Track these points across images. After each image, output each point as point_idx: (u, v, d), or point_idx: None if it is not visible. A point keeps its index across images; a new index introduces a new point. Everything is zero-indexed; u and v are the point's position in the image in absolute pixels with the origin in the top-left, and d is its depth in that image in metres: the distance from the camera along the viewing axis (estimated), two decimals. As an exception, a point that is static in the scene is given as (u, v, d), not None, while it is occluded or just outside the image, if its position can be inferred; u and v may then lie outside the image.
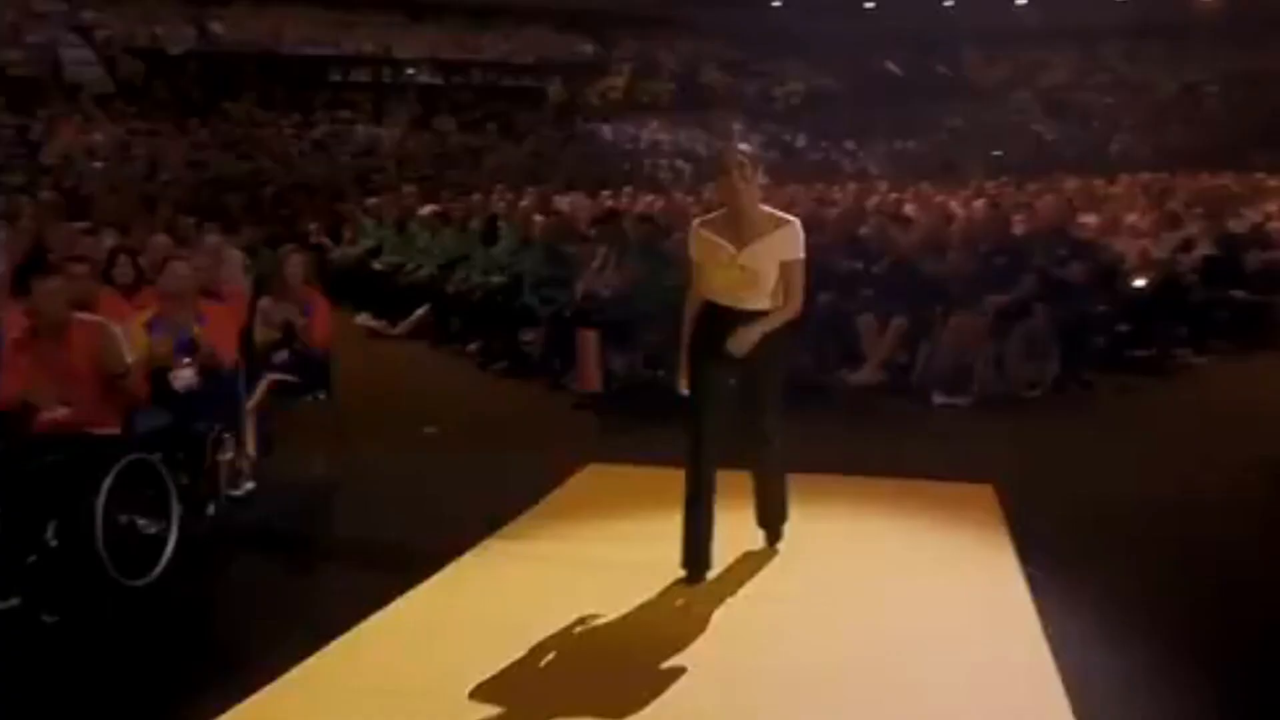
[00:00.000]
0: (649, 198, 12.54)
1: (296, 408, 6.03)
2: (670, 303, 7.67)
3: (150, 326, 5.22)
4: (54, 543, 4.15)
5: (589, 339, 7.55)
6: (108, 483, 4.21)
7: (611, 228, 8.59)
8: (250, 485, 5.54)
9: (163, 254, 5.95)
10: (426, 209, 11.27)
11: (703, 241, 4.21)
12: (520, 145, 22.33)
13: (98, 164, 16.77)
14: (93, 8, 23.66)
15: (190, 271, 5.44)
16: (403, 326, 10.09)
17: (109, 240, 7.10)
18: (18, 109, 17.96)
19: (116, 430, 4.48)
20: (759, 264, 4.11)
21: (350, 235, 12.31)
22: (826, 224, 9.10)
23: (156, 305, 5.35)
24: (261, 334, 6.06)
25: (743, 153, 4.17)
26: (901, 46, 28.21)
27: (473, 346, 8.97)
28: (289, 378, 5.83)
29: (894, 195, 12.36)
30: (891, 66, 28.19)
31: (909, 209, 10.65)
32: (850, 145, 25.34)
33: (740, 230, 4.13)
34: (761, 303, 4.16)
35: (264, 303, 6.17)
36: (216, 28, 24.28)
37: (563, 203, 11.06)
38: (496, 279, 9.12)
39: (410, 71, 24.07)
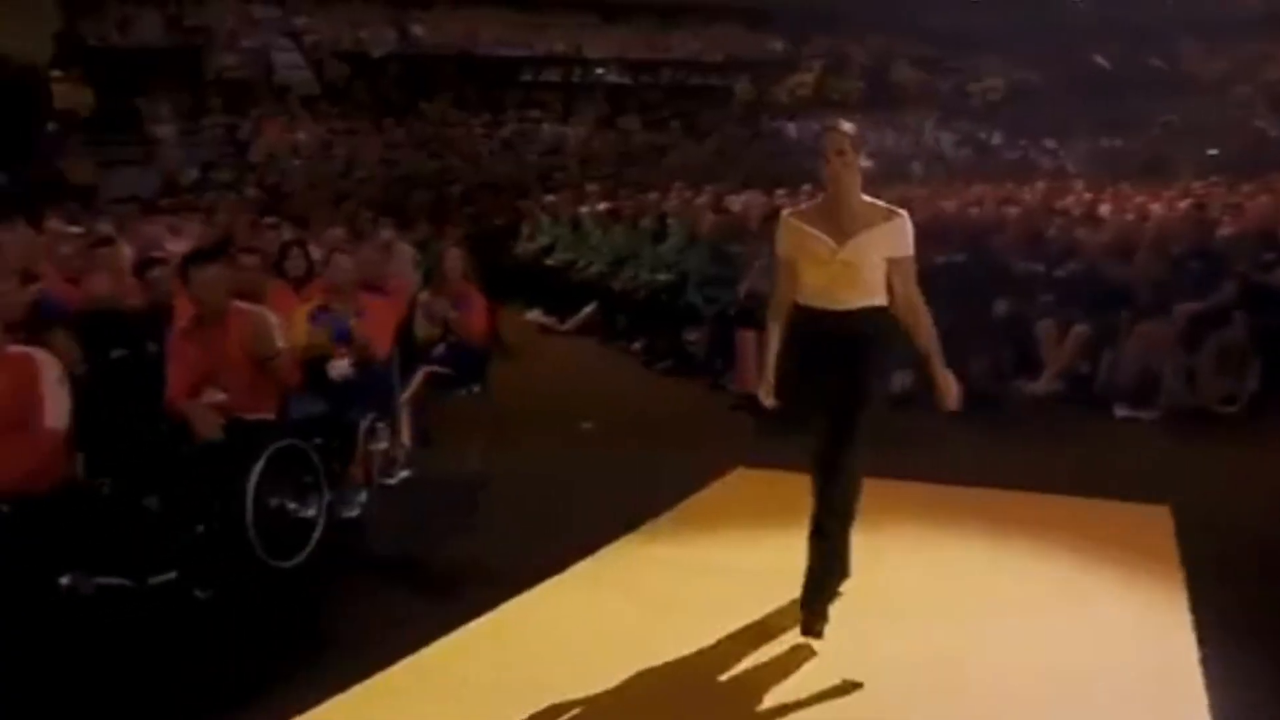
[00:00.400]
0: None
1: (453, 401, 6.19)
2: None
3: (313, 317, 5.43)
4: (209, 522, 4.36)
5: (749, 339, 7.43)
6: (259, 466, 4.38)
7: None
8: (405, 474, 5.70)
9: (332, 248, 6.18)
10: (599, 206, 11.38)
11: (796, 234, 3.78)
12: (703, 144, 22.31)
13: (299, 162, 17.69)
14: (304, 14, 24.99)
15: (352, 265, 5.64)
16: (571, 323, 10.23)
17: (287, 234, 7.42)
18: (231, 110, 19.13)
19: (270, 416, 4.66)
20: (862, 259, 3.68)
21: (529, 232, 12.55)
22: (1008, 224, 8.72)
23: (321, 297, 5.57)
24: (421, 328, 6.22)
25: (844, 133, 3.69)
26: (1112, 39, 26.79)
27: (637, 344, 9.01)
28: (444, 370, 5.97)
29: (1089, 195, 11.71)
30: (1100, 60, 26.80)
31: (1104, 210, 10.06)
32: (1050, 143, 24.22)
33: (840, 221, 3.70)
34: (864, 301, 3.73)
35: (423, 297, 6.34)
36: (417, 30, 25.22)
37: (736, 201, 10.94)
38: (663, 277, 9.12)
39: (599, 71, 24.40)
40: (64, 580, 3.67)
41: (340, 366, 5.23)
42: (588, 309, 10.09)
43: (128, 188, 15.56)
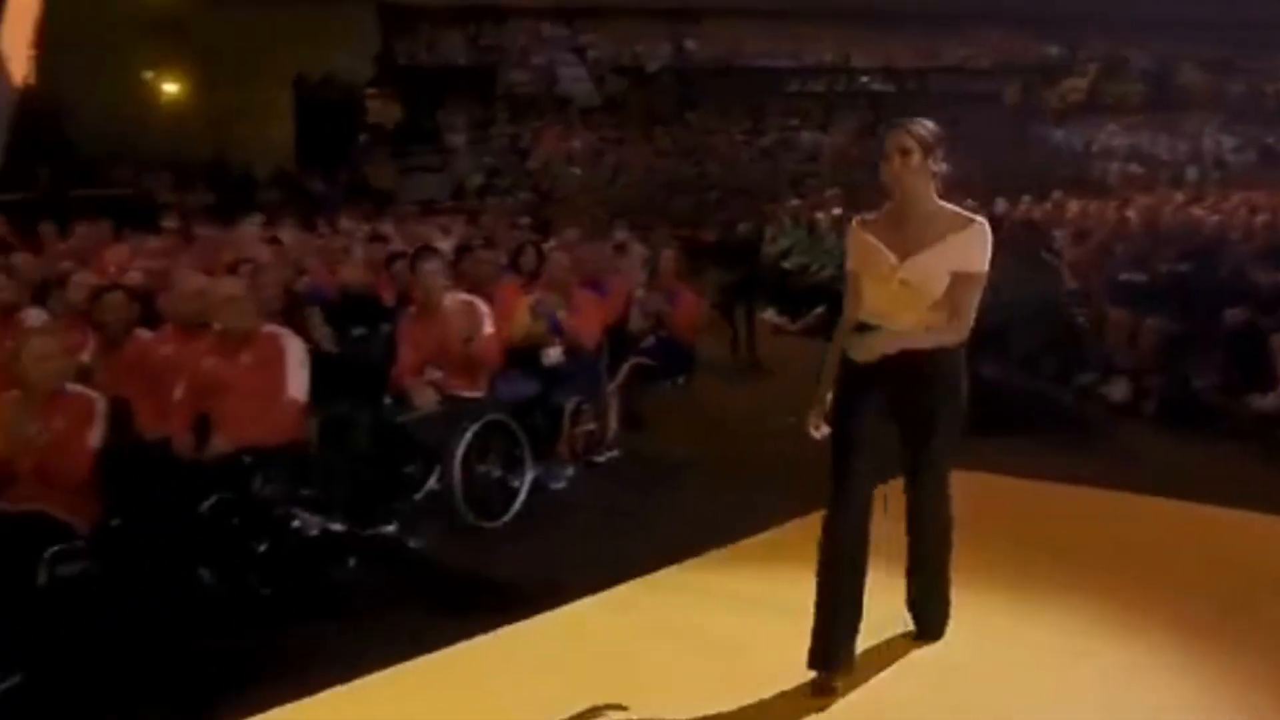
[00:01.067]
0: (1075, 202, 11.76)
1: (661, 389, 6.49)
2: (1043, 307, 7.31)
3: (533, 309, 5.87)
4: (421, 483, 4.87)
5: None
6: (468, 437, 4.84)
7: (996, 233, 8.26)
8: (612, 454, 6.05)
9: (557, 247, 6.64)
10: (834, 211, 11.41)
11: (861, 246, 3.32)
12: (966, 149, 21.73)
13: (573, 168, 18.63)
14: (589, 31, 26.17)
15: (569, 263, 6.05)
16: (801, 323, 10.34)
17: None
18: (516, 121, 20.38)
19: (480, 394, 5.11)
20: (926, 278, 3.19)
21: (771, 236, 12.72)
22: (1255, 231, 8.14)
23: (540, 291, 6.00)
24: (635, 321, 6.56)
25: (910, 130, 3.18)
26: None
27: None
28: (649, 362, 6.28)
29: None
30: None
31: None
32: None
33: (906, 233, 3.23)
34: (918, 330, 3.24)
35: (640, 293, 6.68)
36: (690, 44, 25.86)
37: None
38: (888, 281, 9.06)
39: (864, 80, 24.17)
40: (294, 523, 4.21)
41: (552, 354, 5.63)
42: (817, 310, 10.15)
43: (423, 192, 16.98)
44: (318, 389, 4.48)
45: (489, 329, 4.97)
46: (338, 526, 4.35)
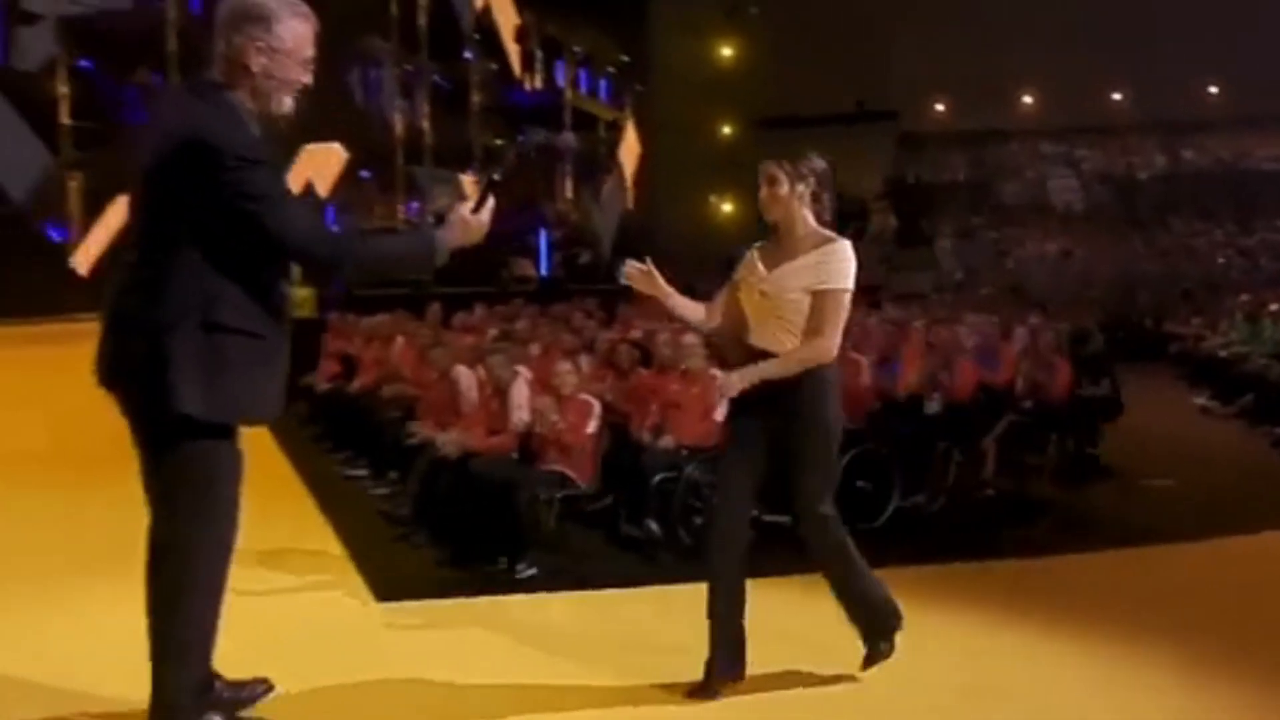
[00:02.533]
0: None
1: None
2: None
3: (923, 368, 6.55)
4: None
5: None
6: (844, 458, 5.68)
7: None
8: (987, 493, 6.48)
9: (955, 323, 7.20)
10: (1273, 306, 10.44)
11: (747, 262, 3.24)
12: None
13: (1043, 267, 18.29)
14: (1085, 146, 25.27)
15: (960, 337, 6.64)
16: (1232, 407, 9.63)
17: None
18: (1002, 227, 20.38)
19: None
20: (781, 290, 3.08)
21: (1224, 327, 11.81)
22: None
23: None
24: (1020, 385, 6.90)
25: (781, 164, 3.14)
26: None
27: None
28: (1022, 419, 6.61)
29: None
30: None
31: None
32: None
33: (778, 253, 3.15)
34: (779, 345, 3.11)
35: (1024, 365, 7.01)
36: (1187, 154, 23.93)
37: None
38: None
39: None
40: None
41: (931, 405, 6.27)
42: (1247, 396, 9.42)
43: (907, 286, 17.72)
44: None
45: (865, 378, 5.78)
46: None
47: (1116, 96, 24.88)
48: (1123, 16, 22.84)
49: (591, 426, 5.22)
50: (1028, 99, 25.58)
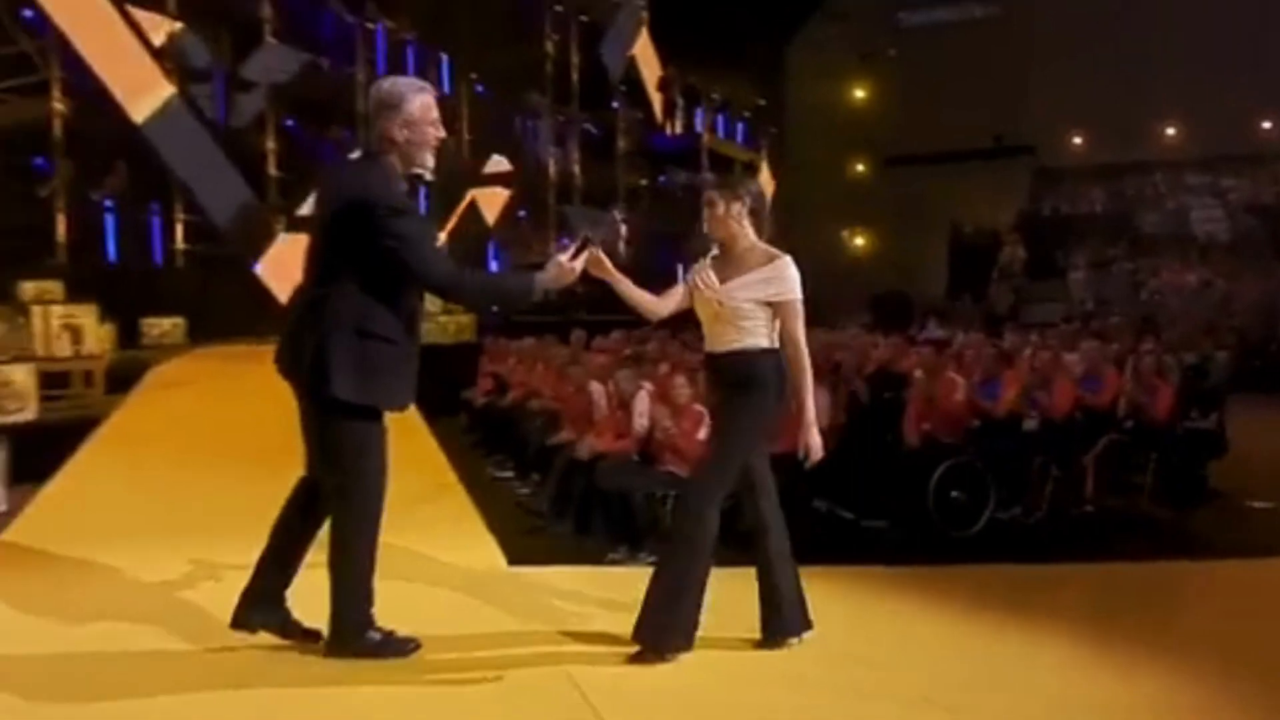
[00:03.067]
0: None
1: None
2: None
3: (1023, 389, 6.65)
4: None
5: None
6: (940, 470, 5.87)
7: None
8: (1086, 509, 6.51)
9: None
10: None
11: (700, 273, 3.55)
12: None
13: (1178, 298, 17.50)
14: (1232, 175, 23.99)
15: (1067, 363, 6.71)
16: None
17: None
18: (1139, 258, 19.62)
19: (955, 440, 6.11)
20: (736, 303, 3.41)
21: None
22: None
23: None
24: (1121, 406, 6.89)
25: (717, 188, 3.54)
26: None
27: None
28: (1123, 439, 6.60)
29: None
30: None
31: None
32: None
33: (726, 267, 3.48)
34: (742, 344, 3.43)
35: (1127, 386, 6.98)
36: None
37: None
38: None
39: None
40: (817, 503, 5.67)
41: (1029, 423, 6.38)
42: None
43: (1037, 316, 17.27)
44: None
45: (960, 396, 5.96)
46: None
47: (1266, 125, 23.59)
48: (1271, 44, 21.74)
49: (702, 433, 5.63)
50: (1171, 130, 24.52)
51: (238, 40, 14.08)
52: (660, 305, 3.66)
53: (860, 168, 25.00)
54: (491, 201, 16.56)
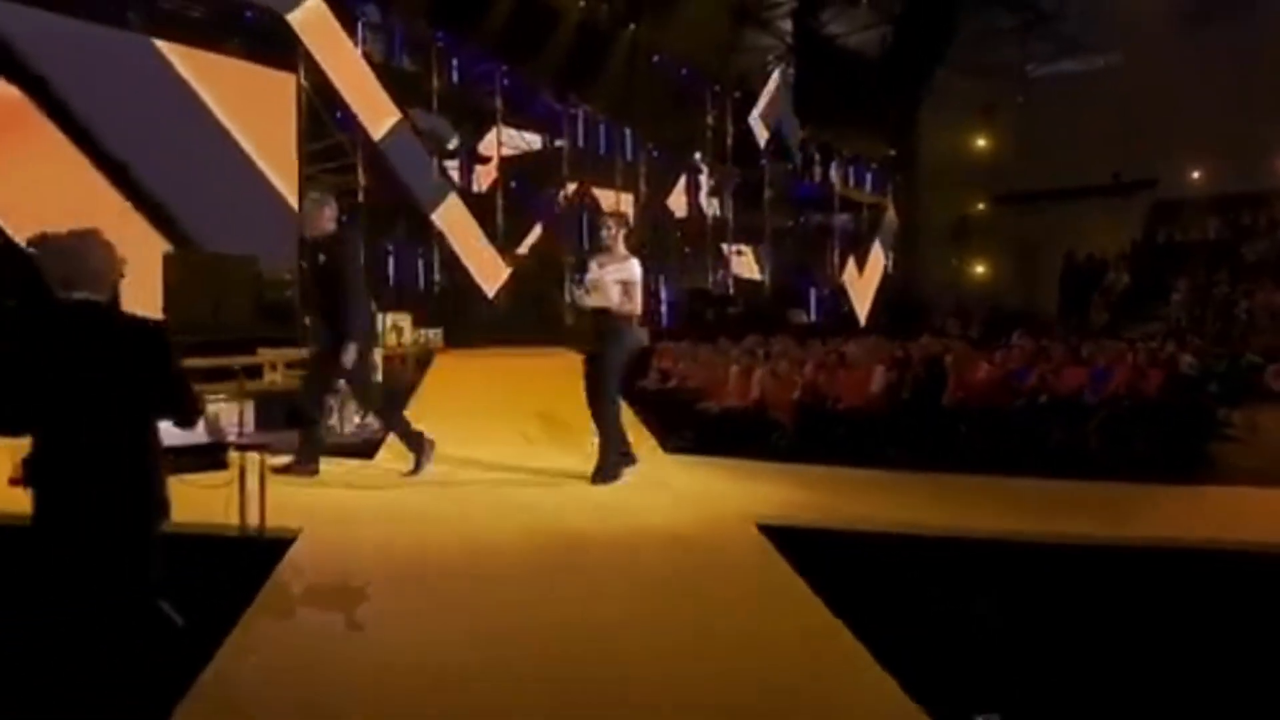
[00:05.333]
0: None
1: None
2: None
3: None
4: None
5: None
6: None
7: None
8: None
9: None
10: None
11: (593, 265, 6.02)
12: None
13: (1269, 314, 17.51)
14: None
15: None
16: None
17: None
18: (1236, 284, 19.60)
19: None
20: (607, 283, 5.82)
21: None
22: None
23: None
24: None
25: (611, 215, 6.64)
26: None
27: None
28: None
29: None
30: None
31: None
32: None
33: (609, 261, 5.94)
34: (605, 303, 5.85)
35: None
36: None
37: None
38: None
39: None
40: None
41: (1042, 399, 7.95)
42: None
43: (1133, 331, 17.76)
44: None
45: (981, 375, 7.66)
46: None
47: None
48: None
49: (795, 395, 7.66)
50: (1289, 164, 23.91)
51: (477, 124, 17.12)
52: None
53: (980, 206, 25.79)
54: (664, 241, 19.03)
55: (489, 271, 15.27)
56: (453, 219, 14.81)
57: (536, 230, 17.76)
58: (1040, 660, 3.29)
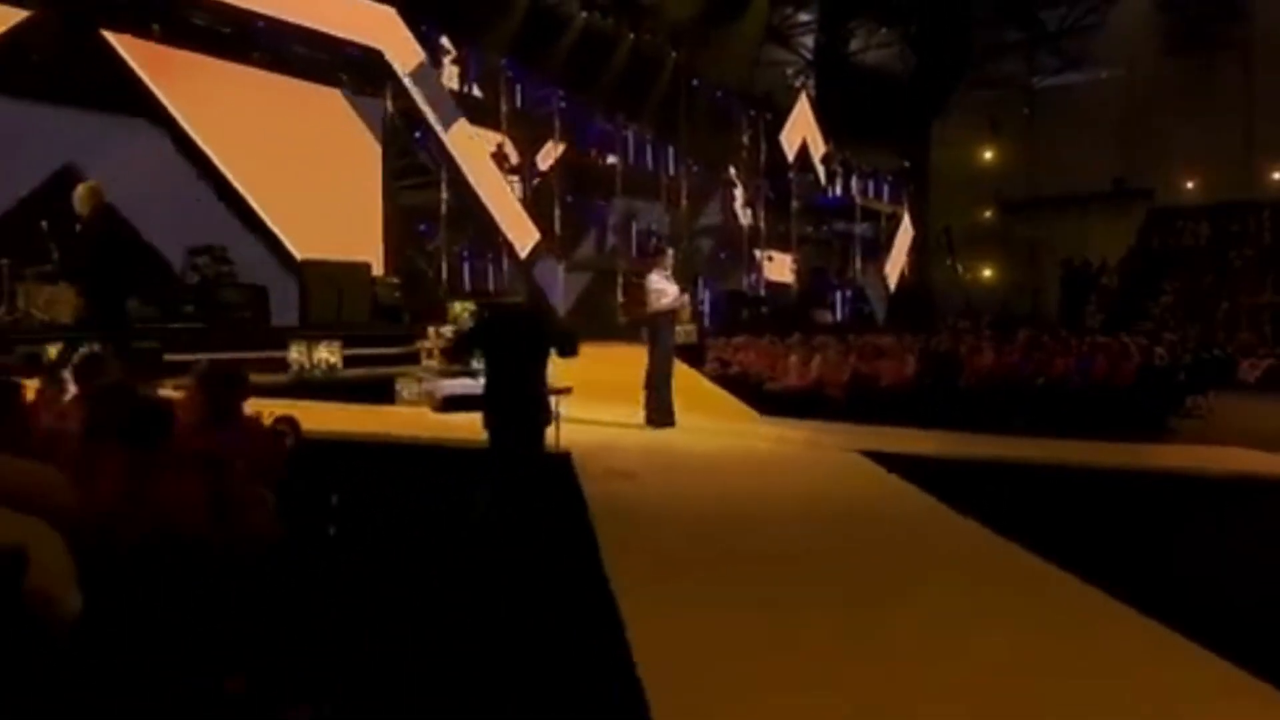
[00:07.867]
0: None
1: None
2: None
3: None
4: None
5: None
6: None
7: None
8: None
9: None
10: None
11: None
12: None
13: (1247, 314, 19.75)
14: (1330, 213, 25.08)
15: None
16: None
17: None
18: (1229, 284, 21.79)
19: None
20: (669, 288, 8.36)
21: None
22: None
23: None
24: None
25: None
26: None
27: None
28: None
29: None
30: None
31: None
32: None
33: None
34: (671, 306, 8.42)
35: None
36: None
37: None
38: None
39: None
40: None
41: (1039, 380, 10.26)
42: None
43: (1122, 330, 20.00)
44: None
45: (986, 361, 9.98)
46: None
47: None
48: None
49: (845, 375, 9.98)
50: (1277, 175, 25.94)
51: (535, 143, 19.36)
52: None
53: (988, 214, 28.00)
54: (703, 247, 21.52)
55: (522, 232, 17.31)
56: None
57: (590, 239, 20.15)
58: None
